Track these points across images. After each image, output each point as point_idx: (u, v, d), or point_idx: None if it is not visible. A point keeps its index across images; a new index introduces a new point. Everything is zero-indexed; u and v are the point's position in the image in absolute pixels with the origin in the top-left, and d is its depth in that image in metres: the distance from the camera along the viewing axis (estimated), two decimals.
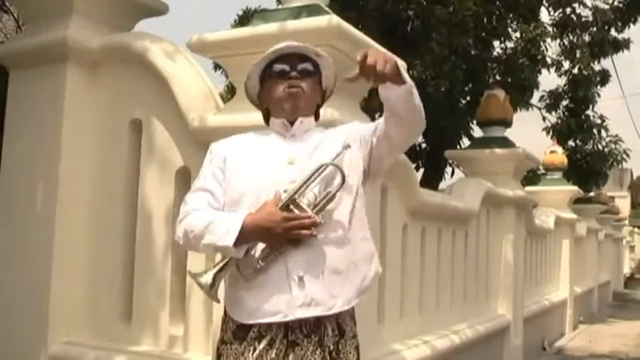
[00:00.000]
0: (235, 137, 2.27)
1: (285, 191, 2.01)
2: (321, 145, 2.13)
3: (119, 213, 3.72)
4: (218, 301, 2.10)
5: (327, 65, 2.22)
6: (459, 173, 9.80)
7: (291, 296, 1.98)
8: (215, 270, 2.03)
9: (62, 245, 3.65)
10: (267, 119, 2.26)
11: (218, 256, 2.48)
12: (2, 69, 4.38)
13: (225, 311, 2.14)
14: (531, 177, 11.18)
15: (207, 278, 2.02)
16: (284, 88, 2.13)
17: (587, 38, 11.05)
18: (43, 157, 3.73)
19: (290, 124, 2.17)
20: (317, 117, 2.27)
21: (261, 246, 2.02)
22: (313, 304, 1.99)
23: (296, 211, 1.98)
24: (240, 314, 2.05)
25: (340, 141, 2.10)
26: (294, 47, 2.16)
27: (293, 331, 2.01)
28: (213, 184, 2.14)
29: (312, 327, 2.01)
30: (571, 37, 11.01)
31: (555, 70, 11.45)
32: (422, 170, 10.35)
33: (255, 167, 2.11)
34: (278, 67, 2.15)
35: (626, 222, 21.69)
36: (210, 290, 2.02)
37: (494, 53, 10.18)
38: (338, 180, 2.05)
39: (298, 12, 3.26)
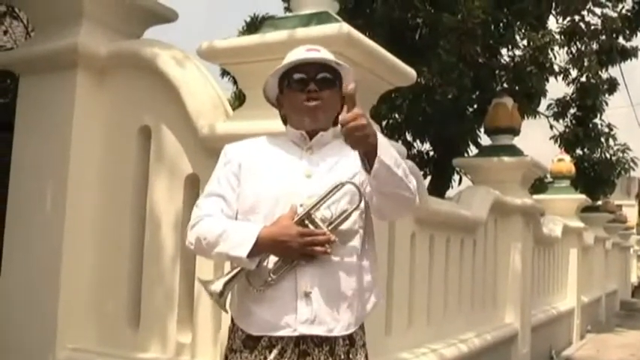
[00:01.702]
0: (250, 142, 2.24)
1: (301, 205, 2.00)
2: (340, 161, 2.09)
3: (127, 219, 3.71)
4: (227, 310, 2.09)
5: (346, 72, 2.17)
6: (466, 181, 9.79)
7: (297, 312, 1.98)
8: (225, 279, 2.02)
9: (71, 251, 3.65)
10: (285, 123, 2.23)
11: (227, 265, 2.47)
12: (11, 74, 4.40)
13: (232, 320, 2.14)
14: (539, 185, 11.16)
15: (216, 286, 2.01)
16: (302, 100, 2.09)
17: (595, 46, 11.03)
18: (51, 162, 3.74)
19: (309, 137, 2.14)
20: (336, 123, 2.19)
21: (273, 259, 2.01)
22: (316, 322, 1.98)
23: (311, 227, 1.97)
24: (249, 326, 2.04)
25: (359, 159, 2.06)
26: (312, 59, 2.11)
27: (304, 341, 2.00)
28: (226, 190, 2.13)
29: (323, 336, 2.01)
30: (579, 45, 10.99)
31: (563, 78, 11.43)
32: (429, 178, 10.34)
33: (271, 177, 2.08)
34: (297, 75, 2.11)
35: (634, 231, 21.56)
36: (220, 299, 2.01)
37: (502, 61, 10.17)
38: (355, 199, 2.04)
39: (308, 20, 3.26)
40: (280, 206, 2.02)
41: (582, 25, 10.65)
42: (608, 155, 12.31)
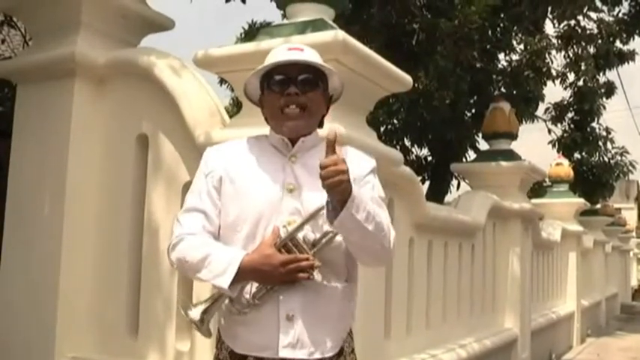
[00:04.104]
0: (232, 147, 2.16)
1: (284, 227, 1.96)
2: None
3: (126, 227, 3.72)
4: (209, 335, 2.06)
5: (331, 73, 2.10)
6: (464, 186, 9.80)
7: (279, 335, 1.95)
8: (203, 307, 1.99)
9: (69, 259, 3.65)
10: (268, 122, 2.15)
11: None
12: (9, 83, 4.41)
13: (219, 331, 2.13)
14: (537, 189, 11.18)
15: (194, 314, 1.98)
16: (281, 106, 2.01)
17: (592, 50, 11.07)
18: (50, 171, 3.74)
19: (290, 143, 2.06)
20: (321, 125, 2.14)
21: (255, 284, 1.97)
22: (298, 346, 1.96)
23: (295, 250, 1.93)
24: (234, 345, 2.03)
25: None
26: (293, 61, 2.02)
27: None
28: (207, 205, 2.06)
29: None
30: (576, 49, 11.02)
31: (560, 83, 11.46)
32: (427, 183, 10.35)
33: (252, 194, 2.02)
34: (277, 76, 2.02)
35: (634, 234, 21.57)
36: (201, 326, 1.99)
37: (500, 66, 10.20)
38: None
39: (304, 27, 3.27)
40: (262, 226, 1.98)
41: (579, 29, 10.69)
42: (606, 159, 12.34)
